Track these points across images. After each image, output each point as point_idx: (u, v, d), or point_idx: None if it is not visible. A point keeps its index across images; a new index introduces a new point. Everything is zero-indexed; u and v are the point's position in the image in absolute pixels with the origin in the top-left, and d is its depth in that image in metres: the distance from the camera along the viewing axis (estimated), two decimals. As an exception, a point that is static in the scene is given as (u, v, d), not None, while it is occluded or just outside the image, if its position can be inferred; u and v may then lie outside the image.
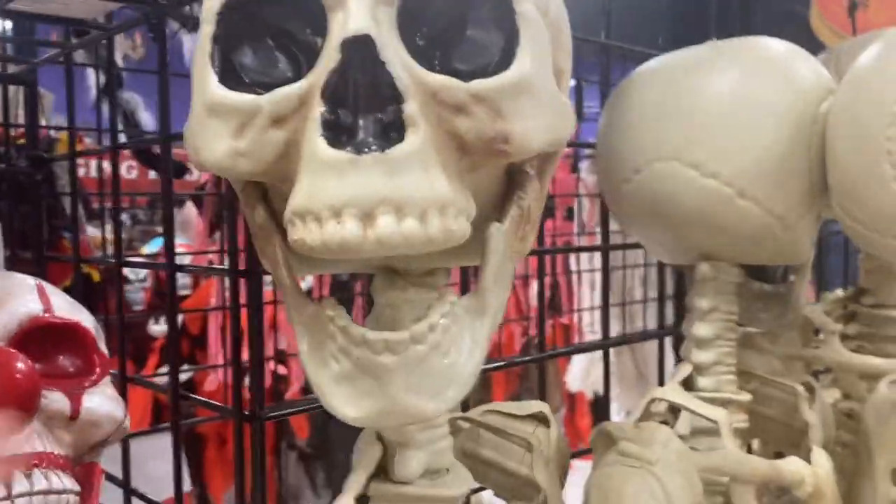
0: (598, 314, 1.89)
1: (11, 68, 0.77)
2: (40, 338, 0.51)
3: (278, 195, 0.37)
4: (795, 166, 0.55)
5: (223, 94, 0.33)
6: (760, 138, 0.55)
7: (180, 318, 2.39)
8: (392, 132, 0.31)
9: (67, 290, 0.64)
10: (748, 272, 0.66)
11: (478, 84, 0.33)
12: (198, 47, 0.34)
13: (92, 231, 1.31)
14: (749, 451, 0.72)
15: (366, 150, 0.31)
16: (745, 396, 0.61)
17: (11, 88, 0.80)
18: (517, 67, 0.33)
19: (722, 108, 0.56)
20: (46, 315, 0.51)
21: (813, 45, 0.68)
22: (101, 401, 0.52)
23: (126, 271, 2.06)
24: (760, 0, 0.90)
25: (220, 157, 0.33)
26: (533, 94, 0.34)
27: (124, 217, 2.73)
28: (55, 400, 0.49)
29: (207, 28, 0.33)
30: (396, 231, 0.31)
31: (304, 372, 0.36)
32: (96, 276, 1.19)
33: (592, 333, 1.93)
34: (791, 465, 0.56)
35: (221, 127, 0.33)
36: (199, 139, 0.34)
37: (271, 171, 0.34)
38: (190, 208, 1.77)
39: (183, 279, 2.00)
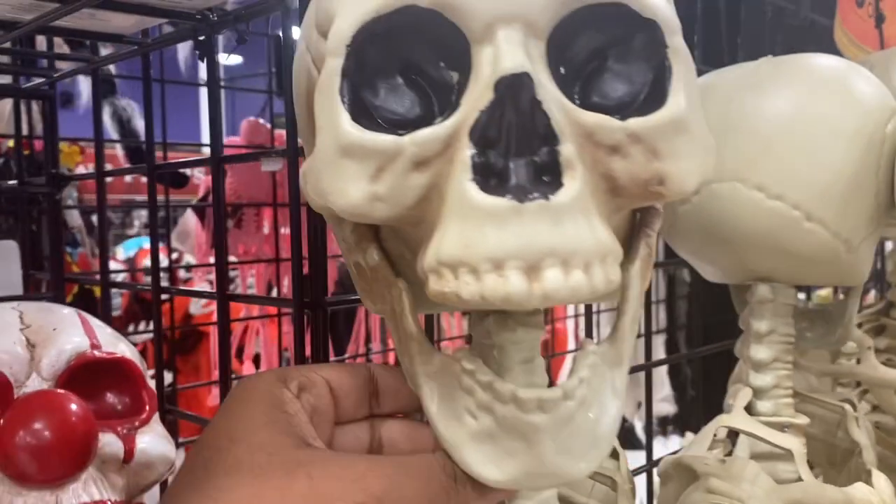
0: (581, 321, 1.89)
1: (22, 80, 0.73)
2: (88, 375, 0.48)
3: (395, 236, 0.35)
4: (863, 188, 0.54)
5: (360, 135, 0.30)
6: (828, 160, 0.53)
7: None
8: (546, 176, 0.29)
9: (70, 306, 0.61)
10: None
11: (634, 122, 0.31)
12: (322, 81, 0.31)
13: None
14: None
15: (527, 197, 0.29)
16: (804, 419, 0.60)
17: None
18: (673, 105, 0.32)
19: (786, 128, 0.55)
20: (94, 351, 0.48)
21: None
22: (154, 441, 0.49)
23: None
24: (785, 11, 0.90)
25: (357, 202, 0.30)
26: (688, 133, 0.32)
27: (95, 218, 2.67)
28: (109, 443, 0.46)
29: (335, 61, 0.30)
30: (564, 285, 0.29)
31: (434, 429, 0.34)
32: (98, 292, 1.15)
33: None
34: (858, 493, 0.55)
35: (357, 169, 0.30)
36: (329, 182, 0.31)
37: (407, 215, 0.31)
38: (190, 217, 1.72)
39: (163, 281, 1.94)
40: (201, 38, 0.52)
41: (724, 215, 0.56)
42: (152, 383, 0.51)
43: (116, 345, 0.51)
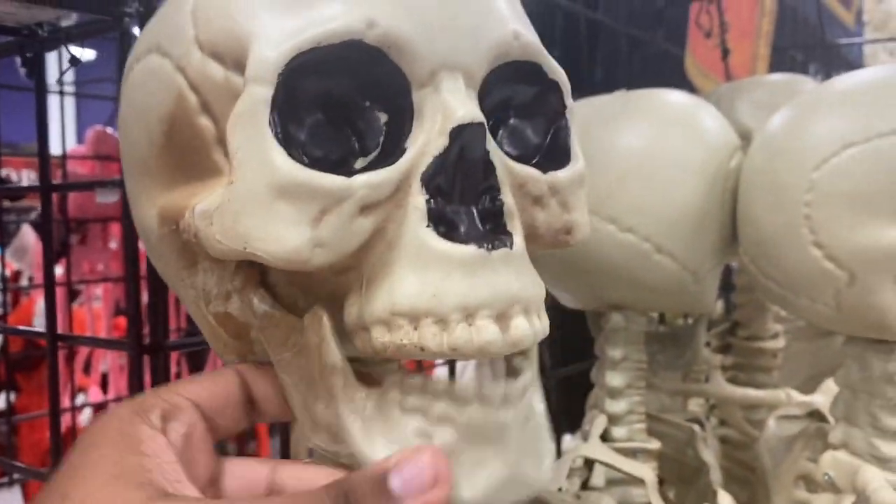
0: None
1: None
2: None
3: (288, 282, 0.31)
4: (709, 222, 0.56)
5: (303, 175, 0.27)
6: (676, 194, 0.55)
7: None
8: (490, 225, 0.29)
9: None
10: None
11: (553, 176, 0.33)
12: (243, 110, 0.27)
13: None
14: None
15: (491, 245, 0.28)
16: (655, 444, 0.62)
17: None
18: (579, 162, 0.34)
19: (636, 163, 0.56)
20: None
21: (686, 88, 0.70)
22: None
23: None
24: (640, 42, 0.93)
25: (295, 249, 0.27)
26: (584, 187, 0.34)
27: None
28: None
29: (261, 90, 0.27)
30: (530, 332, 0.29)
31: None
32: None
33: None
34: (707, 515, 0.57)
35: (297, 212, 0.27)
36: (257, 226, 0.27)
37: (343, 262, 0.29)
38: (28, 232, 1.59)
39: None
40: (29, 54, 0.47)
41: (580, 246, 0.57)
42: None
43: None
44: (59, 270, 1.43)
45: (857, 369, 0.53)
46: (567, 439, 1.01)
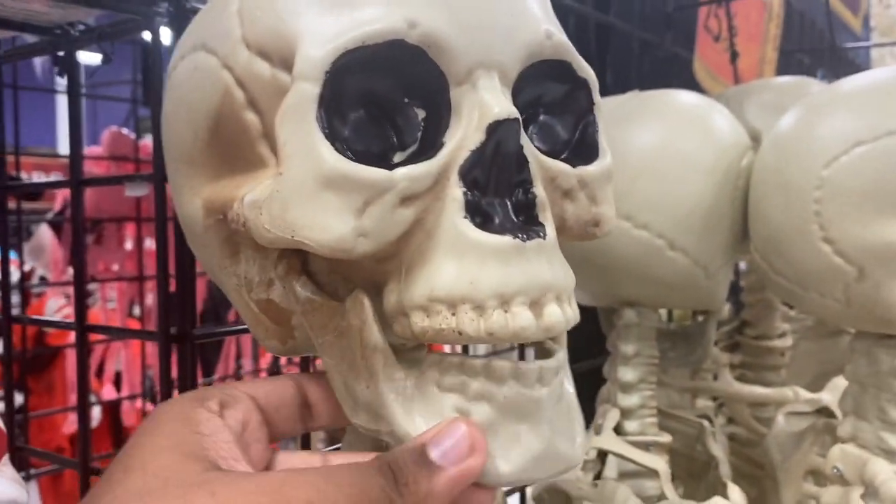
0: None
1: None
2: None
3: (330, 270, 0.33)
4: (720, 219, 0.57)
5: (348, 167, 0.28)
6: (689, 192, 0.56)
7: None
8: (522, 216, 0.31)
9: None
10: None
11: (582, 170, 0.34)
12: (291, 106, 0.29)
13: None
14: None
15: (525, 235, 0.30)
16: (666, 438, 0.63)
17: None
18: (607, 156, 0.35)
19: (650, 162, 0.57)
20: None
21: (695, 90, 0.71)
22: (2, 485, 0.45)
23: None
24: (650, 45, 0.94)
25: (340, 237, 0.29)
26: (612, 182, 0.36)
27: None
28: (-50, 489, 0.42)
29: (309, 87, 0.28)
30: (562, 318, 0.30)
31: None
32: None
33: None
34: (717, 507, 0.58)
35: (342, 203, 0.28)
36: (305, 215, 0.29)
37: (382, 251, 0.30)
38: (45, 232, 1.61)
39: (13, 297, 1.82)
40: (61, 53, 0.49)
41: (595, 242, 0.58)
42: (1, 424, 0.47)
43: (-40, 381, 0.47)
44: (71, 271, 1.45)
45: (865, 364, 0.54)
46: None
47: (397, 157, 0.31)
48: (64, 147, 1.31)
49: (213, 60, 0.32)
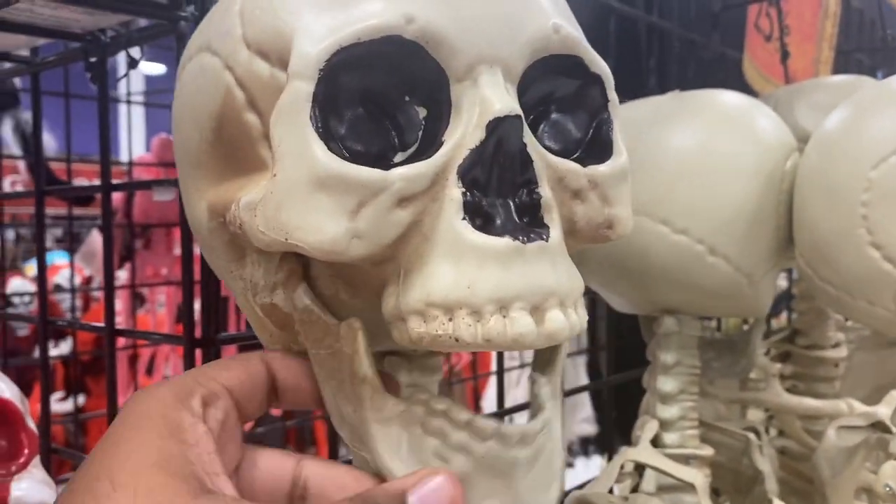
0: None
1: None
2: (-42, 417, 0.44)
3: (330, 275, 0.32)
4: (764, 224, 0.55)
5: (341, 167, 0.28)
6: (730, 195, 0.54)
7: (69, 343, 2.25)
8: (526, 218, 0.30)
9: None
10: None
11: (593, 170, 0.33)
12: (285, 105, 0.28)
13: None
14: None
15: (526, 237, 0.29)
16: (708, 451, 0.61)
17: None
18: (621, 155, 0.34)
19: (690, 164, 0.55)
20: (-35, 390, 0.45)
21: (745, 91, 0.69)
22: (31, 487, 0.46)
23: (8, 290, 1.90)
24: (695, 44, 0.92)
25: (333, 239, 0.28)
26: (627, 182, 0.34)
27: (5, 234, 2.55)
28: (-22, 491, 0.43)
29: (303, 85, 0.28)
30: (565, 325, 0.29)
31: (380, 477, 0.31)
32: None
33: (511, 360, 1.93)
34: (761, 524, 0.55)
35: (335, 204, 0.28)
36: (297, 216, 0.28)
37: (378, 254, 0.29)
38: (96, 237, 1.65)
39: (69, 301, 1.86)
40: (93, 59, 0.49)
41: (632, 248, 0.57)
42: (32, 424, 0.48)
43: (-7, 382, 0.47)
44: (123, 275, 1.48)
45: (920, 376, 0.51)
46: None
47: (398, 158, 0.30)
48: (125, 156, 1.34)
49: (216, 61, 0.31)
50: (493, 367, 2.15)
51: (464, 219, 0.29)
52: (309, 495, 0.33)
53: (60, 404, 2.20)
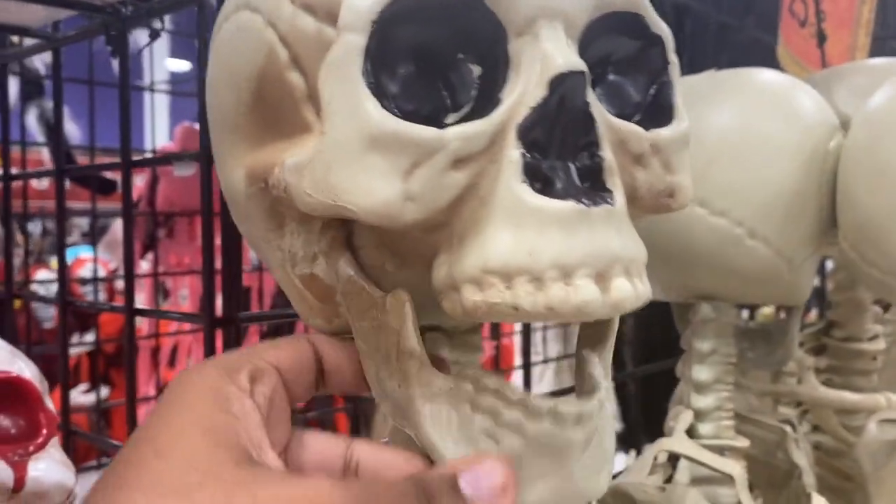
0: (538, 335, 1.86)
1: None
2: (-25, 396, 0.43)
3: (376, 243, 0.31)
4: (806, 206, 0.53)
5: (395, 125, 0.26)
6: (770, 176, 0.52)
7: (93, 336, 2.26)
8: (587, 182, 0.28)
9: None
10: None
11: (655, 134, 0.31)
12: (335, 59, 0.26)
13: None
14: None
15: (591, 201, 0.27)
16: (744, 442, 0.59)
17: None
18: (683, 120, 0.32)
19: (728, 144, 0.53)
20: (-17, 369, 0.44)
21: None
22: (49, 467, 0.45)
23: (36, 284, 1.92)
24: (729, 28, 0.89)
25: (386, 202, 0.26)
26: (688, 148, 0.32)
27: (31, 227, 2.57)
28: (-5, 470, 0.42)
29: (355, 38, 0.26)
30: (632, 293, 0.27)
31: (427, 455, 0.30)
32: (18, 303, 1.09)
33: (535, 355, 1.91)
34: (800, 518, 0.53)
35: (389, 164, 0.26)
36: (348, 178, 0.27)
37: (432, 219, 0.27)
38: (118, 227, 1.65)
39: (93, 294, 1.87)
40: (113, 33, 0.48)
41: (668, 231, 0.55)
42: (51, 405, 0.47)
43: (12, 362, 0.46)
44: (146, 265, 1.48)
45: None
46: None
47: (450, 119, 0.28)
48: (149, 146, 1.34)
49: (257, 18, 0.30)
50: (518, 361, 2.13)
51: (523, 181, 0.27)
52: (361, 477, 0.32)
53: (86, 396, 2.22)
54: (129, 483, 0.25)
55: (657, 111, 0.32)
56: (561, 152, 0.28)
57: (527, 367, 0.81)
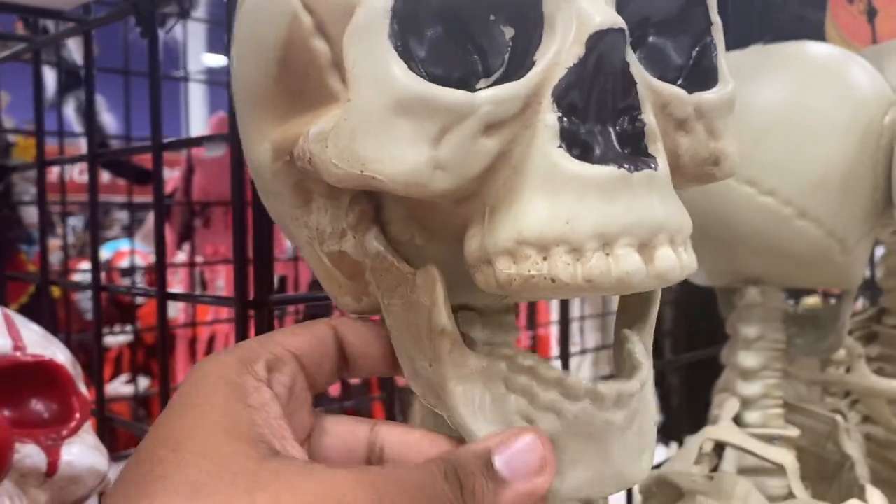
0: (575, 325, 1.84)
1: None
2: (9, 379, 0.43)
3: (405, 217, 0.30)
4: (859, 184, 0.50)
5: (423, 88, 0.25)
6: (822, 153, 0.50)
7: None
8: (628, 148, 0.26)
9: (24, 308, 0.56)
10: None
11: (699, 97, 0.29)
12: (362, 21, 0.25)
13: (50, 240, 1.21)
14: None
15: (633, 166, 0.25)
16: (794, 432, 0.56)
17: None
18: (728, 83, 0.30)
19: (778, 120, 0.51)
20: (17, 353, 0.44)
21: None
22: (82, 452, 0.44)
23: (77, 276, 1.95)
24: (773, 5, 0.86)
25: (414, 170, 0.25)
26: (733, 114, 0.31)
27: (75, 221, 2.60)
28: (29, 455, 0.42)
29: (381, 0, 0.25)
30: (677, 264, 0.26)
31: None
32: (57, 292, 1.10)
33: (573, 345, 1.89)
34: (854, 510, 0.51)
35: (416, 130, 0.25)
36: (374, 144, 0.25)
37: (462, 188, 0.26)
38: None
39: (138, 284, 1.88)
40: (144, 13, 0.47)
41: (713, 211, 0.53)
42: (84, 389, 0.46)
43: (46, 347, 0.46)
44: (183, 255, 1.49)
45: None
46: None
47: (481, 85, 0.26)
48: (184, 132, 1.35)
49: None
50: (554, 352, 2.11)
51: (560, 146, 0.25)
52: (386, 461, 0.31)
53: (127, 387, 2.25)
54: (150, 476, 0.24)
55: (700, 74, 0.30)
56: (599, 116, 0.26)
57: (564, 357, 0.79)
